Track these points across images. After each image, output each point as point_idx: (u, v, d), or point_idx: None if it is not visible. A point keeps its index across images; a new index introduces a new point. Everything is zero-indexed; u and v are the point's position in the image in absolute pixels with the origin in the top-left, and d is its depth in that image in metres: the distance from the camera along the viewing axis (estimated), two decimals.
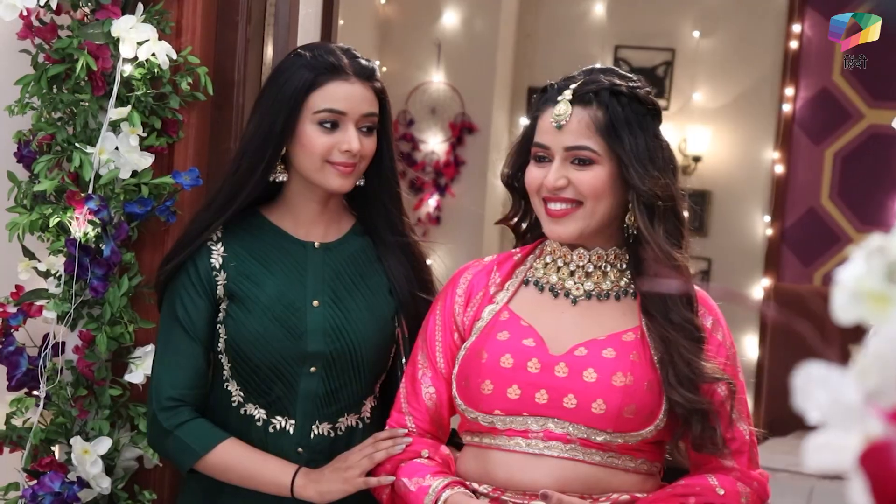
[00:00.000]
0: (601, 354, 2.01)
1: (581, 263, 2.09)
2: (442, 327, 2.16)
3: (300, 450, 2.26)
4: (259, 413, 2.27)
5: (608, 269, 2.09)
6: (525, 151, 2.12)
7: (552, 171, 2.04)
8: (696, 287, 2.09)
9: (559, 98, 2.05)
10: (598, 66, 2.12)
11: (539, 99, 2.11)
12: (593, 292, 2.08)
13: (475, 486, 2.05)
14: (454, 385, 2.10)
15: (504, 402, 2.02)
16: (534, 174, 2.07)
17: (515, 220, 2.21)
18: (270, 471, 2.21)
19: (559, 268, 2.11)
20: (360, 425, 2.31)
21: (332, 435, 2.28)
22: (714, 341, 2.04)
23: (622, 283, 2.09)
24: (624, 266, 2.10)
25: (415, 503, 2.06)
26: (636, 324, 2.04)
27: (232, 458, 2.23)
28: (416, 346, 2.20)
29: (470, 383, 2.06)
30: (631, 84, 2.06)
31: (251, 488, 2.23)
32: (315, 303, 2.27)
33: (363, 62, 2.27)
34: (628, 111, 2.02)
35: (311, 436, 2.27)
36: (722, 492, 2.00)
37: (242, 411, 2.28)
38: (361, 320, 2.28)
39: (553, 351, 2.04)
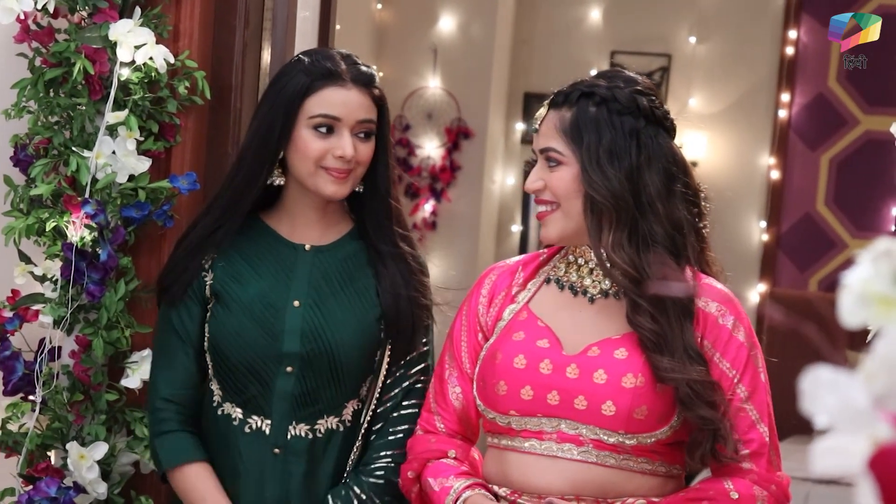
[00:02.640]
0: (613, 355, 2.00)
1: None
2: (467, 328, 2.17)
3: (277, 450, 2.26)
4: (235, 412, 2.28)
5: None
6: None
7: (531, 174, 2.08)
8: (716, 284, 2.06)
9: (544, 103, 2.10)
10: (609, 70, 2.14)
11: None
12: (611, 291, 2.08)
13: (496, 489, 2.06)
14: (474, 385, 2.11)
15: (518, 403, 2.03)
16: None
17: None
18: None
19: (579, 266, 2.11)
20: (341, 428, 2.29)
21: (311, 437, 2.27)
22: (734, 342, 2.02)
23: None
24: None
25: (437, 502, 2.08)
26: None
27: (186, 484, 2.28)
28: (444, 347, 2.21)
29: (486, 384, 2.07)
30: (616, 84, 2.05)
31: None
32: (296, 303, 2.27)
33: (362, 68, 2.27)
34: (601, 111, 2.02)
35: (288, 436, 2.26)
36: (736, 496, 1.97)
37: (220, 411, 2.30)
38: (342, 322, 2.27)
39: (567, 351, 2.04)
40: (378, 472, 2.25)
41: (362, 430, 2.30)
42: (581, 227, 2.04)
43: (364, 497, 2.23)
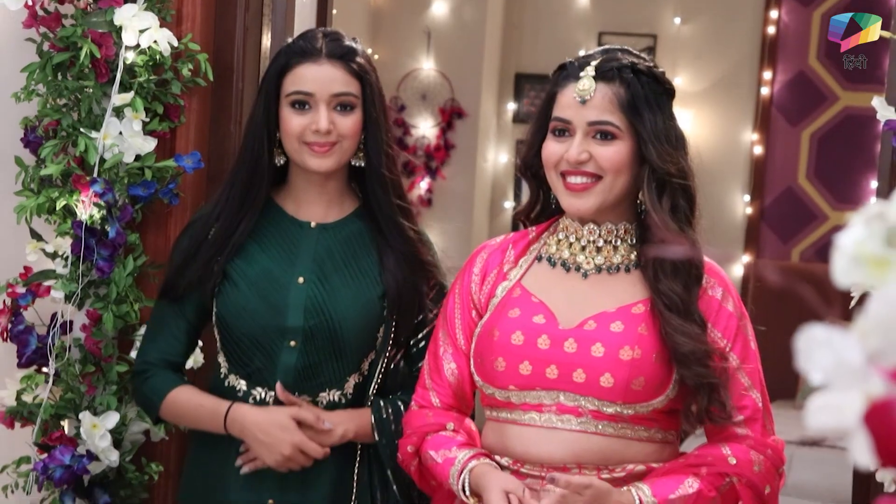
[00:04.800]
0: (609, 328, 1.98)
1: (591, 238, 2.07)
2: (461, 305, 2.14)
3: None
4: (240, 384, 2.27)
5: (618, 243, 2.06)
6: (540, 129, 2.09)
7: (575, 145, 2.01)
8: (706, 259, 2.05)
9: (582, 74, 2.02)
10: (614, 46, 2.10)
11: (558, 76, 2.07)
12: (603, 266, 2.06)
13: (497, 458, 2.03)
14: (472, 362, 2.09)
15: (517, 378, 2.00)
16: (553, 148, 2.04)
17: (537, 209, 2.18)
18: (209, 405, 2.25)
19: (571, 243, 2.08)
20: (343, 401, 2.26)
21: None
22: (724, 312, 2.01)
23: (632, 256, 2.06)
24: (633, 240, 2.06)
25: (441, 474, 2.05)
26: (646, 296, 2.01)
27: (179, 402, 2.27)
28: (438, 324, 2.18)
29: (484, 360, 2.05)
30: (648, 63, 2.04)
31: (202, 428, 2.27)
32: (300, 280, 2.25)
33: (343, 43, 2.23)
34: (648, 89, 2.00)
35: None
36: (734, 461, 1.96)
37: (227, 382, 2.28)
38: (344, 299, 2.24)
39: (563, 325, 2.01)
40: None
41: (369, 404, 2.28)
42: (616, 201, 2.03)
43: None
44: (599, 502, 1.88)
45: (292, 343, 2.23)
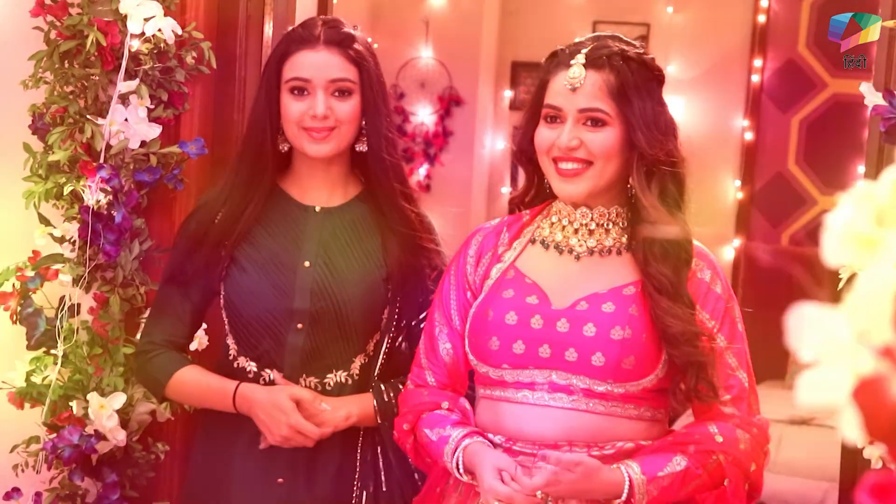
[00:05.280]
0: (601, 309, 1.98)
1: (584, 221, 2.07)
2: (456, 286, 2.14)
3: None
4: (250, 366, 2.27)
5: (610, 226, 2.06)
6: (534, 115, 2.08)
7: (566, 132, 2.00)
8: (695, 243, 2.05)
9: (573, 62, 2.01)
10: (605, 33, 2.09)
11: (550, 63, 2.06)
12: (595, 248, 2.06)
13: (490, 436, 2.04)
14: (466, 341, 2.09)
15: (510, 357, 2.01)
16: (545, 135, 2.04)
17: (531, 193, 2.17)
18: (217, 385, 2.24)
19: (564, 226, 2.08)
20: (349, 381, 2.27)
21: (320, 389, 2.25)
22: (712, 294, 2.02)
23: (624, 239, 2.06)
24: (625, 224, 2.06)
25: (436, 452, 2.05)
26: (637, 278, 2.01)
27: (186, 381, 2.26)
28: (433, 305, 2.18)
29: (479, 340, 2.05)
30: (637, 51, 2.03)
31: (209, 407, 2.27)
32: (306, 263, 2.25)
33: (341, 30, 2.23)
34: (637, 76, 1.99)
35: None
36: (720, 439, 1.97)
37: (236, 364, 2.28)
38: (349, 282, 2.24)
39: (556, 305, 2.01)
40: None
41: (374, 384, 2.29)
42: (607, 186, 2.02)
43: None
44: (589, 479, 1.89)
45: (299, 325, 2.23)
